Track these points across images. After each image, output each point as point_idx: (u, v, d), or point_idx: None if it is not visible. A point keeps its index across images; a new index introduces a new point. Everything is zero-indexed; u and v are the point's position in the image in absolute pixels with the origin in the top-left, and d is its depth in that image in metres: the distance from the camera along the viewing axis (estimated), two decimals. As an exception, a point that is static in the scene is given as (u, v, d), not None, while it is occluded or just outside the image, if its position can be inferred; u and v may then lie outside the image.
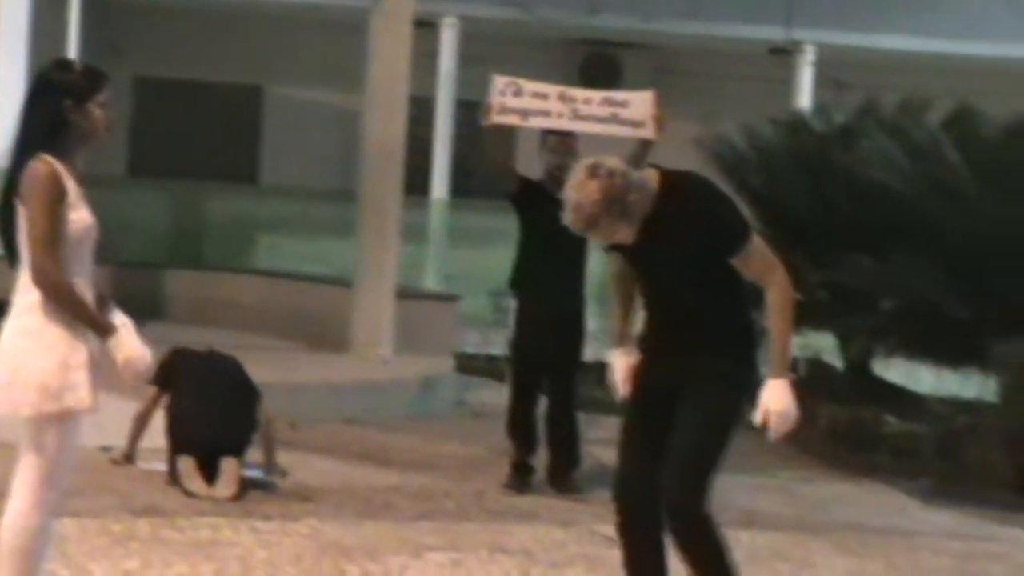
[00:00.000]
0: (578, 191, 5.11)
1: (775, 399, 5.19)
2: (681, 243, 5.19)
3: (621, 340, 5.70)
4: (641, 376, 5.49)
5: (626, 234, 5.21)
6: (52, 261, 4.82)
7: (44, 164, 4.86)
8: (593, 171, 5.10)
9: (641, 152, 8.72)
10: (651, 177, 5.24)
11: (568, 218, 5.15)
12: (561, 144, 8.72)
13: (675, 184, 5.26)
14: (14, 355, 4.91)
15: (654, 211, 5.19)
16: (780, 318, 5.23)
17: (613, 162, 5.14)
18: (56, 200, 4.84)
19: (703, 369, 5.29)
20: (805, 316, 12.29)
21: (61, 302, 4.83)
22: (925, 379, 12.58)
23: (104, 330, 4.87)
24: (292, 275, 15.47)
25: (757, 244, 5.25)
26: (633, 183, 5.13)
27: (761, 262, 5.24)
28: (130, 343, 4.89)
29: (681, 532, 5.28)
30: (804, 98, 18.58)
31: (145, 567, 6.33)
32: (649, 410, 5.44)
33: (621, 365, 5.59)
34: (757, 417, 5.20)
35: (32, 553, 5.00)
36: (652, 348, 5.51)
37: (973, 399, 11.66)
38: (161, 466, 7.98)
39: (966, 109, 11.62)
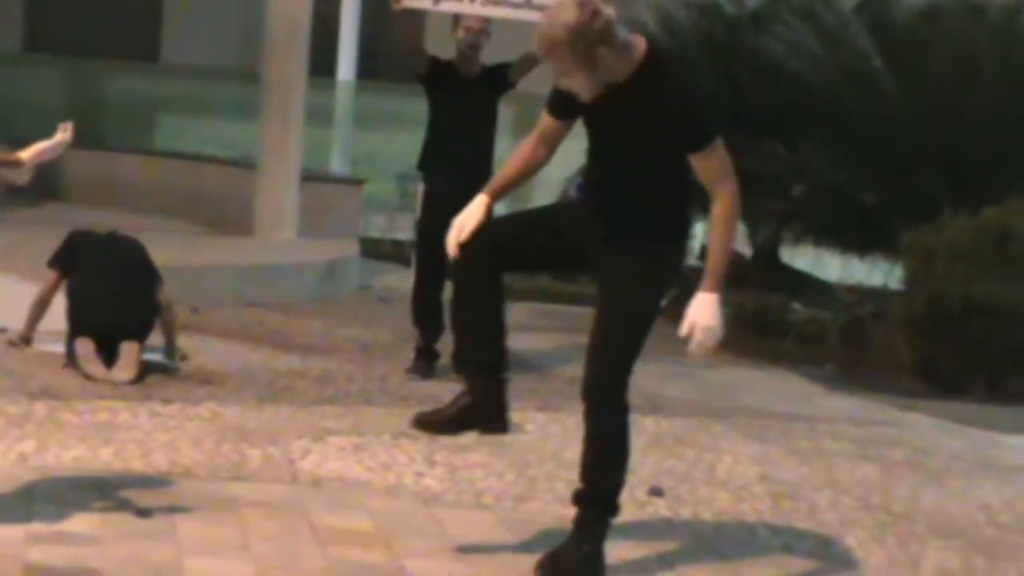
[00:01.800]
0: (554, 12, 4.96)
1: (704, 313, 5.12)
2: (650, 124, 5.05)
3: (494, 191, 5.46)
4: (570, 218, 5.49)
5: (584, 86, 5.03)
6: None
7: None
8: (582, 3, 4.89)
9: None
10: (638, 45, 5.05)
11: (534, 39, 5.02)
12: (476, 22, 8.68)
13: (660, 63, 5.10)
14: None
15: (630, 81, 5.03)
16: (724, 228, 5.14)
17: (608, 9, 4.93)
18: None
19: (636, 249, 5.20)
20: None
21: None
22: (832, 266, 12.72)
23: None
24: (194, 156, 15.32)
25: (720, 148, 5.13)
26: (612, 37, 4.91)
27: (719, 166, 5.11)
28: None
29: (594, 412, 5.30)
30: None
31: (41, 450, 6.31)
32: (556, 229, 5.43)
33: (475, 209, 5.36)
34: (682, 329, 5.13)
35: None
36: (589, 214, 5.37)
37: (879, 287, 11.81)
38: (59, 348, 7.96)
39: (880, -5, 11.68)
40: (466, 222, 5.31)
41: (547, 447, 7.25)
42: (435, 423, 5.46)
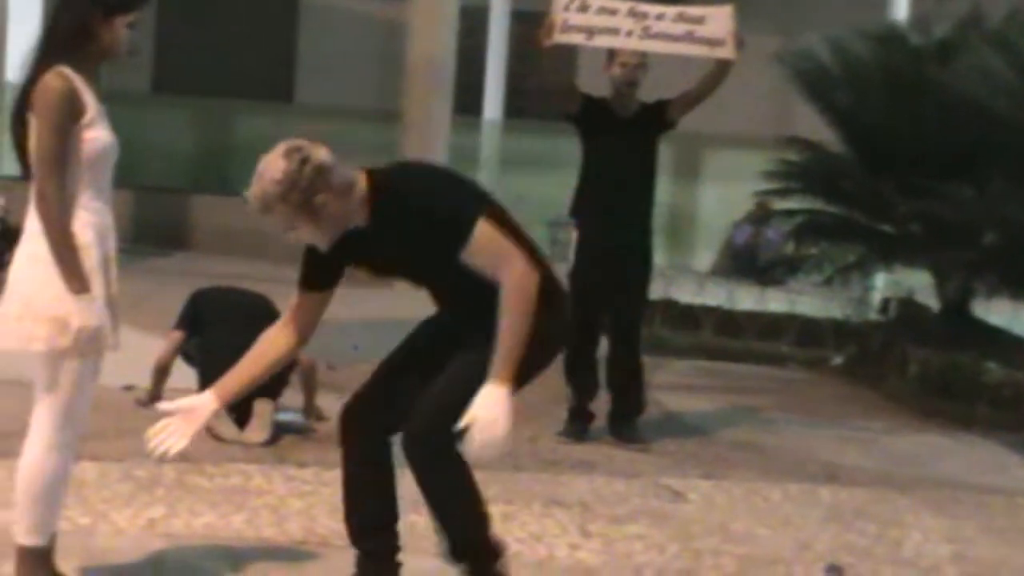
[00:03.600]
0: (263, 166, 5.04)
1: (488, 407, 4.98)
2: (411, 245, 5.08)
3: (223, 394, 5.42)
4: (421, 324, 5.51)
5: (315, 236, 5.12)
6: (54, 186, 4.87)
7: (59, 78, 4.91)
8: (288, 152, 5.01)
9: (719, 73, 8.70)
10: (359, 181, 5.10)
11: (248, 192, 5.06)
12: (633, 57, 8.71)
13: (388, 186, 5.15)
14: (25, 284, 4.97)
15: (371, 219, 5.11)
16: (511, 315, 5.00)
17: (320, 153, 5.01)
18: (69, 118, 4.90)
19: (472, 337, 5.15)
20: (896, 251, 12.37)
21: (49, 235, 4.88)
22: (1031, 322, 12.54)
23: (78, 285, 4.89)
24: (330, 202, 15.52)
25: (484, 230, 5.02)
26: (328, 181, 4.99)
27: (492, 251, 5.03)
28: (93, 314, 4.92)
29: (420, 460, 5.25)
30: (899, 8, 18.39)
31: (170, 516, 6.42)
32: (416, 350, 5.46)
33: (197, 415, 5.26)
34: (462, 421, 4.98)
35: (49, 498, 5.10)
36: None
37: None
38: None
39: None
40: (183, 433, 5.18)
41: (712, 518, 7.23)
42: None
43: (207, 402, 5.25)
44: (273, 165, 4.99)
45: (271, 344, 5.47)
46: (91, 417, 5.28)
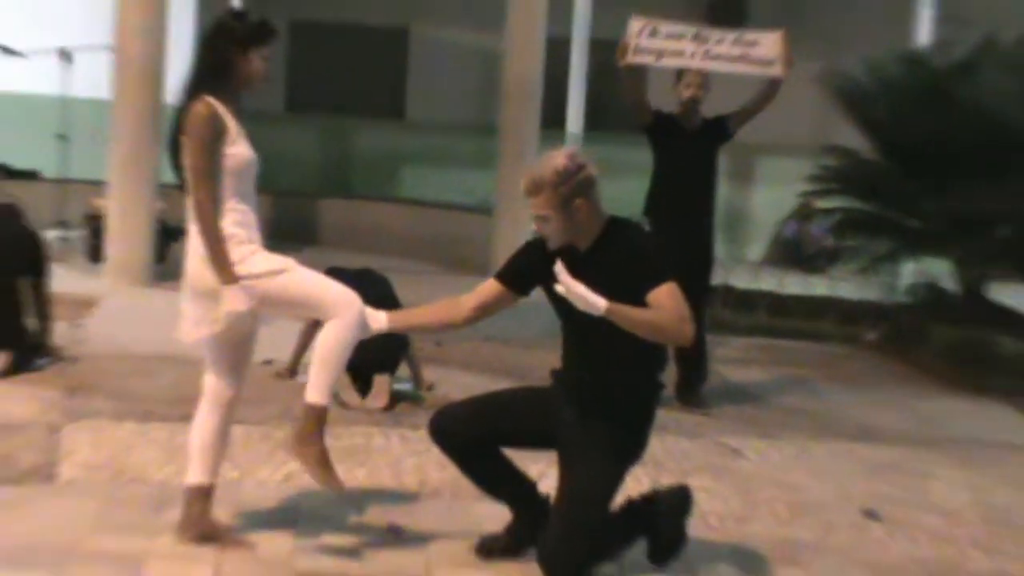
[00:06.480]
0: (548, 157, 5.04)
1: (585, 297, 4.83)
2: (606, 275, 4.92)
3: (397, 321, 5.34)
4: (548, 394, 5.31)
5: (555, 231, 5.03)
6: (206, 194, 4.92)
7: (204, 105, 4.96)
8: (572, 156, 5.03)
9: (770, 90, 8.66)
10: (604, 216, 5.06)
11: (525, 179, 5.02)
12: (696, 77, 8.68)
13: (621, 229, 5.09)
14: (191, 279, 5.06)
15: (591, 249, 5.05)
16: (658, 315, 4.90)
17: (593, 169, 5.02)
18: (213, 138, 4.94)
19: (594, 426, 5.07)
20: (922, 243, 12.27)
21: (204, 234, 4.93)
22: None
23: (227, 276, 4.92)
24: (436, 203, 15.55)
25: (672, 288, 4.94)
26: (591, 192, 4.99)
27: (671, 303, 4.92)
28: (239, 299, 4.95)
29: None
30: (924, 35, 18.22)
31: (304, 471, 6.45)
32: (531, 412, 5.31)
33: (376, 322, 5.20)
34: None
35: (210, 449, 5.22)
36: (562, 378, 5.30)
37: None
38: (318, 379, 8.10)
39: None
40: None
41: (766, 472, 7.20)
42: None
43: (381, 320, 5.21)
44: (558, 159, 5.02)
45: (452, 308, 5.36)
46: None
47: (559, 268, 4.84)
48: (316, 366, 5.02)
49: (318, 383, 5.01)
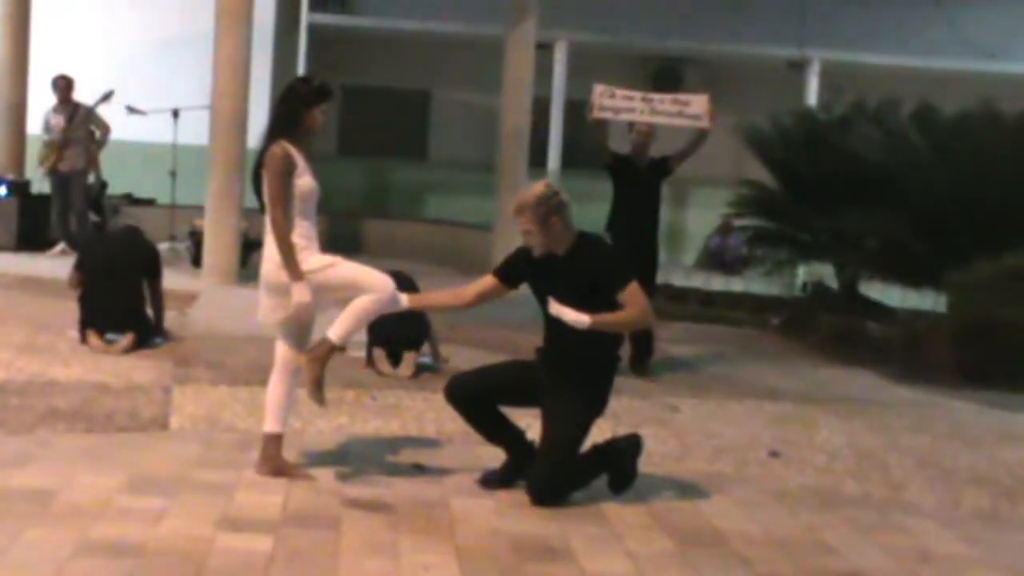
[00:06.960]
0: (530, 186, 5.06)
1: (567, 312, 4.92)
2: (580, 279, 4.96)
3: (417, 301, 5.37)
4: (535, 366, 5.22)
5: (537, 242, 5.03)
6: (280, 214, 4.91)
7: (280, 147, 4.96)
8: (549, 185, 5.03)
9: (700, 138, 8.67)
10: (575, 228, 5.05)
11: (516, 202, 5.02)
12: (645, 128, 8.68)
13: (587, 241, 5.08)
14: (267, 276, 5.04)
15: (567, 254, 5.03)
16: (626, 314, 4.96)
17: (565, 196, 5.01)
18: (286, 172, 4.93)
19: (568, 387, 5.06)
20: (811, 251, 12.28)
21: (279, 243, 4.91)
22: (895, 296, 12.42)
23: (295, 275, 4.89)
24: (450, 222, 15.51)
25: (636, 288, 4.96)
26: (564, 213, 4.98)
27: (635, 299, 4.95)
28: (305, 292, 4.90)
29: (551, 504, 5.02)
30: (812, 97, 18.28)
31: (352, 423, 6.46)
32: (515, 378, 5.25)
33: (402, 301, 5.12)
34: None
35: (281, 404, 5.19)
36: (543, 354, 5.21)
37: (929, 310, 11.50)
38: (361, 353, 8.10)
39: (926, 106, 11.48)
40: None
41: (696, 423, 7.18)
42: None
43: (404, 301, 5.16)
44: (538, 187, 5.05)
45: (458, 295, 5.36)
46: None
47: (552, 303, 4.91)
48: (344, 315, 4.95)
49: (339, 328, 4.94)
